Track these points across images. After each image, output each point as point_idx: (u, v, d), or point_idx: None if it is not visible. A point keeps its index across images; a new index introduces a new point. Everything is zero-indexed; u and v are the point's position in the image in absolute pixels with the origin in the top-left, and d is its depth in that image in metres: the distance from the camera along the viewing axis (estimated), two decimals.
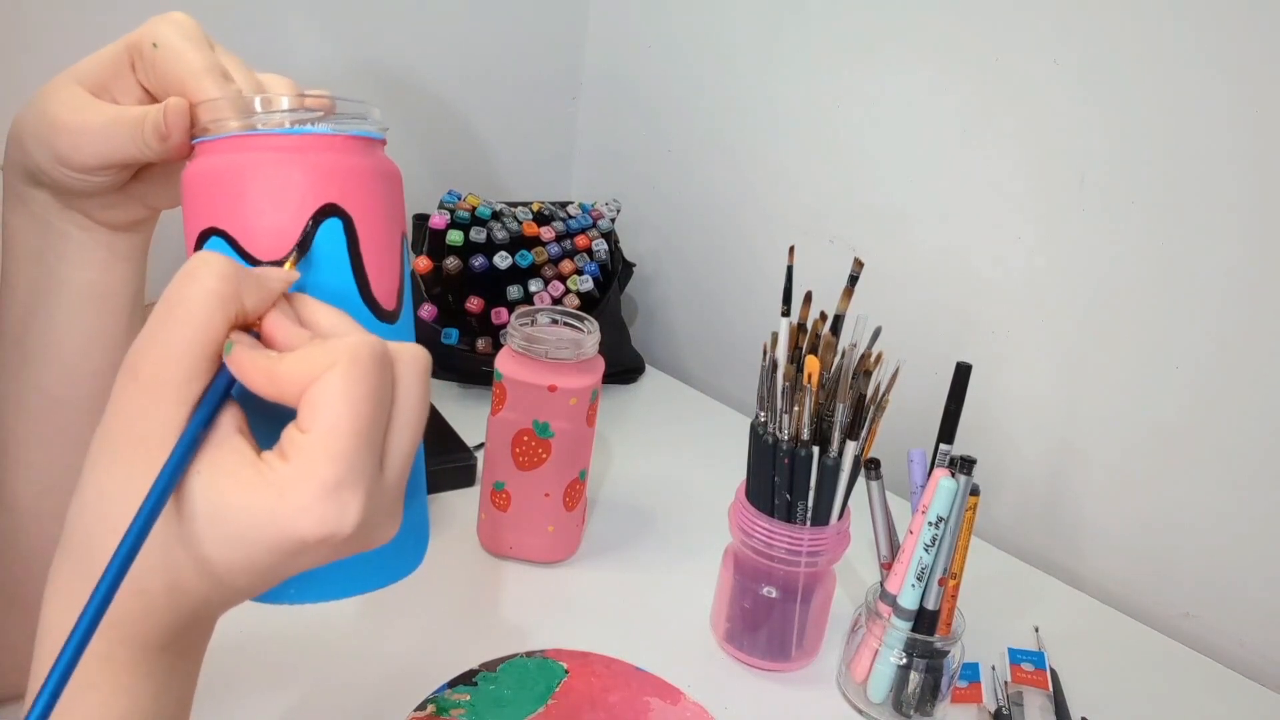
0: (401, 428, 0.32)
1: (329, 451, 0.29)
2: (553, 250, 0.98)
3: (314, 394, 0.30)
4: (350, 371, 0.30)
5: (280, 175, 0.35)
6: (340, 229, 0.35)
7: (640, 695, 0.59)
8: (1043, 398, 0.83)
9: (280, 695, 0.57)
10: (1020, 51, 0.80)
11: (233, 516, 0.30)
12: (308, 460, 0.29)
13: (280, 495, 0.29)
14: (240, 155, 0.35)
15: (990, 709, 0.63)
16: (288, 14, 0.97)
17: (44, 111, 0.39)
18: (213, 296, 0.30)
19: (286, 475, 0.29)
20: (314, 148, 0.35)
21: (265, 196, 0.35)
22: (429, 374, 0.33)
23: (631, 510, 0.82)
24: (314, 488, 0.29)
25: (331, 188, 0.35)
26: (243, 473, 0.30)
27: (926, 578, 0.57)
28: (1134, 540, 0.79)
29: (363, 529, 0.30)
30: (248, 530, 0.30)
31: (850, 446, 0.59)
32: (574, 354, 0.68)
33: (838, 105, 0.94)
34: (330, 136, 0.36)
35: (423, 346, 0.33)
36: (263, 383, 0.30)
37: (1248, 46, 0.68)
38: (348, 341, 0.30)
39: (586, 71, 1.22)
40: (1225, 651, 0.75)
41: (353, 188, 0.36)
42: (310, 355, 0.30)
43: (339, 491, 0.29)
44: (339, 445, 0.29)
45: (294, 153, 0.35)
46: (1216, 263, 0.72)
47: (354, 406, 0.30)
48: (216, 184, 0.35)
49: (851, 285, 0.62)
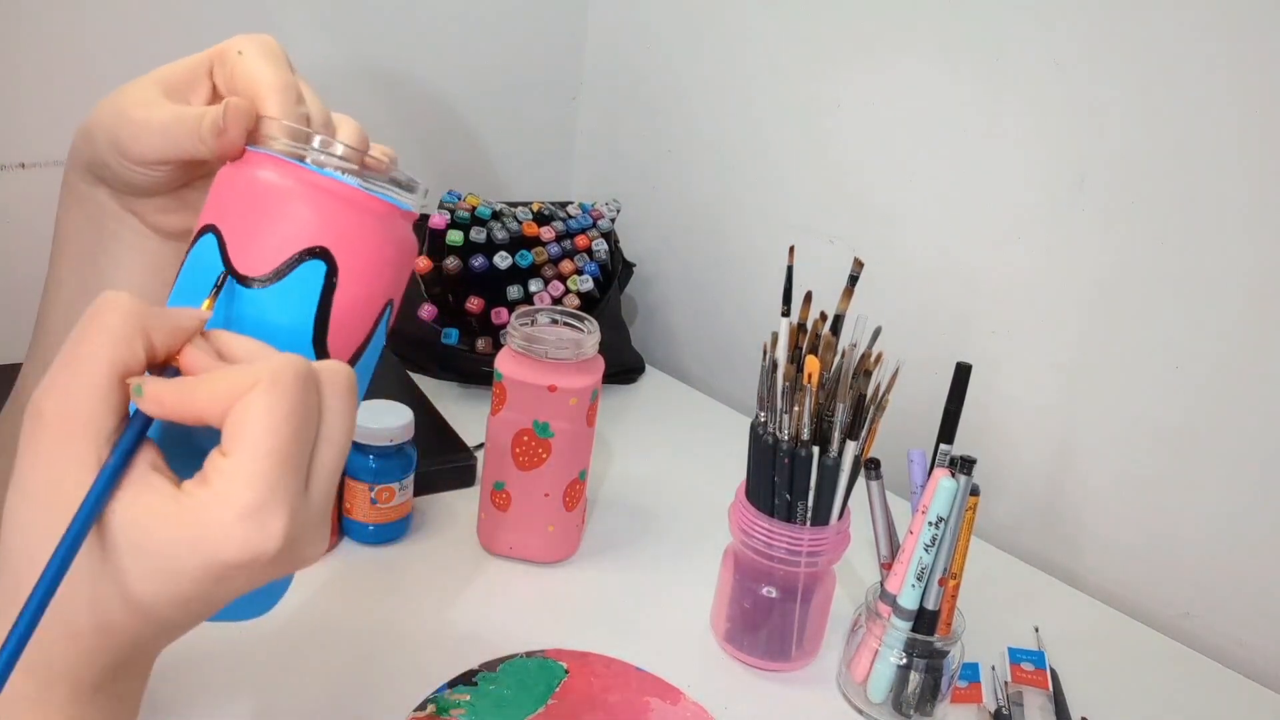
0: (327, 445, 0.32)
1: (250, 473, 0.29)
2: (553, 250, 0.98)
3: (235, 415, 0.29)
4: (271, 390, 0.29)
5: (290, 204, 0.36)
6: (321, 273, 0.36)
7: (640, 695, 0.59)
8: (1043, 398, 0.83)
9: (280, 695, 0.57)
10: (1021, 52, 0.80)
11: (154, 549, 0.29)
12: (228, 483, 0.29)
13: (201, 521, 0.29)
14: (269, 174, 0.36)
15: (990, 709, 0.63)
16: (288, 13, 0.97)
17: (116, 103, 0.40)
18: (114, 335, 0.30)
19: (206, 500, 0.29)
20: (333, 194, 0.36)
21: (268, 217, 0.36)
22: (355, 391, 0.33)
23: (631, 510, 0.82)
24: (235, 511, 0.29)
25: (329, 234, 0.36)
26: (162, 506, 0.30)
27: (926, 578, 0.57)
28: (1134, 540, 0.79)
29: (288, 549, 0.30)
30: (171, 560, 0.29)
31: (850, 446, 0.59)
32: (574, 354, 0.68)
33: (838, 105, 0.94)
34: (354, 190, 0.36)
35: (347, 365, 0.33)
36: (181, 408, 0.30)
37: (1249, 46, 0.68)
38: (269, 362, 0.30)
39: (586, 71, 1.22)
40: (1225, 651, 0.75)
41: (353, 244, 0.36)
42: (230, 375, 0.30)
43: (260, 513, 0.29)
44: (260, 466, 0.29)
45: (312, 190, 0.36)
46: (1217, 263, 0.72)
47: (276, 427, 0.29)
48: (236, 189, 0.37)
49: (851, 285, 0.62)
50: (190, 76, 0.41)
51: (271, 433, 0.29)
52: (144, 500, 0.30)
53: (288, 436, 0.30)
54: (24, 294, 0.90)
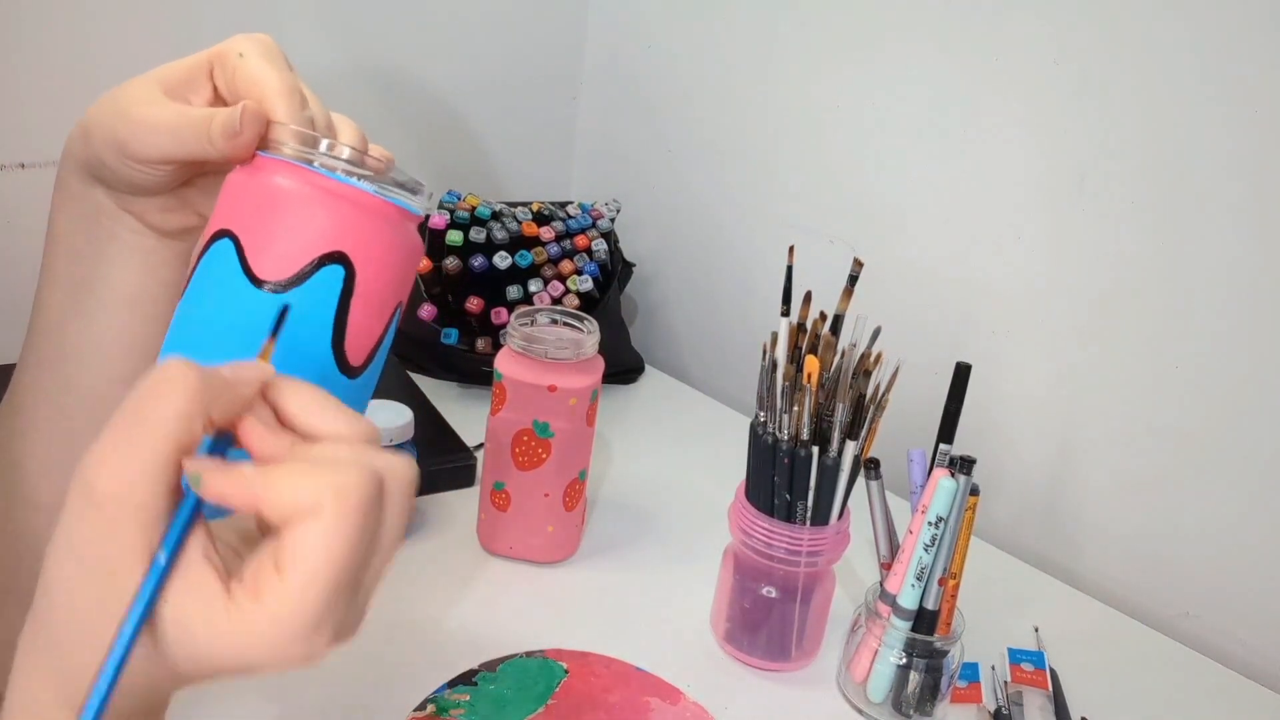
0: (382, 554, 0.32)
1: (304, 600, 0.29)
2: (552, 250, 0.98)
3: (295, 537, 0.29)
4: (336, 522, 0.29)
5: (309, 210, 0.36)
6: (340, 277, 0.37)
7: (640, 695, 0.59)
8: (1043, 398, 0.83)
9: (279, 695, 0.57)
10: (1020, 51, 0.80)
11: (200, 650, 0.29)
12: (280, 605, 0.29)
13: (249, 636, 0.29)
14: (285, 179, 0.37)
15: (990, 709, 0.63)
16: (288, 14, 0.97)
17: (116, 102, 0.40)
18: (177, 413, 0.29)
19: (257, 618, 0.29)
20: (351, 199, 0.37)
21: (287, 223, 0.36)
22: (413, 490, 0.32)
23: (631, 510, 0.82)
24: (285, 633, 0.29)
25: (348, 239, 0.37)
26: (211, 614, 0.29)
27: (926, 578, 0.57)
28: (1134, 540, 0.79)
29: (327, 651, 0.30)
30: (214, 660, 0.29)
31: (850, 446, 0.59)
32: (574, 354, 0.68)
33: (838, 104, 0.94)
34: (370, 195, 0.37)
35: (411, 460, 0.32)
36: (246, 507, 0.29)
37: (1248, 47, 0.68)
38: (337, 480, 0.29)
39: (586, 71, 1.22)
40: (1225, 651, 0.75)
41: (369, 248, 0.37)
42: (296, 487, 0.29)
43: (310, 636, 0.29)
44: (316, 593, 0.29)
45: (330, 196, 0.37)
46: (1217, 263, 0.72)
47: (336, 557, 0.29)
48: (251, 194, 0.37)
49: (851, 285, 0.62)
50: (190, 77, 0.41)
51: (331, 563, 0.29)
52: (194, 604, 0.29)
53: (347, 565, 0.29)
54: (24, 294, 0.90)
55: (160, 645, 0.30)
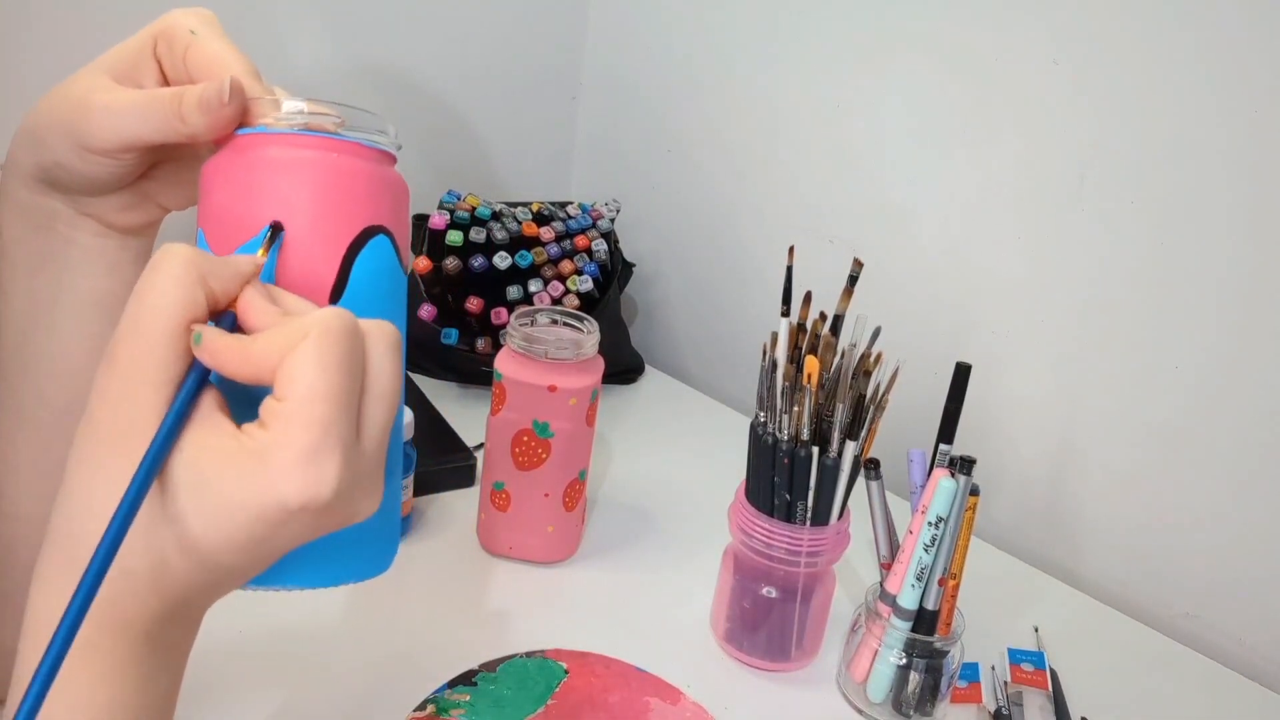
0: (375, 399, 0.33)
1: (305, 417, 0.30)
2: (552, 250, 0.98)
3: (289, 365, 0.30)
4: (322, 341, 0.30)
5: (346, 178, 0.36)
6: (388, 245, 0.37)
7: (640, 695, 0.59)
8: (1042, 398, 0.83)
9: (279, 695, 0.57)
10: (1020, 51, 0.80)
11: (215, 488, 0.30)
12: (285, 426, 0.30)
13: (260, 462, 0.30)
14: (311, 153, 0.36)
15: (990, 709, 0.63)
16: (287, 13, 0.97)
17: (66, 98, 0.39)
18: (179, 283, 0.31)
19: (266, 442, 0.30)
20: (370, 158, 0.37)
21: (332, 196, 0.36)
22: (399, 349, 0.34)
23: (631, 510, 0.82)
24: (293, 453, 0.30)
25: (383, 206, 0.37)
26: (223, 445, 0.31)
27: (926, 578, 0.57)
28: (1134, 540, 0.79)
29: (342, 498, 0.31)
30: (230, 501, 0.30)
31: (850, 446, 0.59)
32: (574, 354, 0.68)
33: (838, 105, 0.94)
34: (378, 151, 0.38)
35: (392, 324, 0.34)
36: (237, 364, 0.31)
37: (1247, 46, 0.68)
38: (318, 314, 0.31)
39: (586, 71, 1.22)
40: (1225, 651, 0.75)
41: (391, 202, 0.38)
42: (283, 331, 0.31)
43: (317, 456, 0.30)
44: (315, 411, 0.30)
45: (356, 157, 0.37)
46: (1216, 262, 0.72)
47: (328, 373, 0.30)
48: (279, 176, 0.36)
49: (851, 285, 0.62)
50: (136, 60, 0.40)
51: (325, 379, 0.30)
52: (206, 439, 0.31)
53: (339, 384, 0.31)
54: None
55: (173, 500, 0.31)
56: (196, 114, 0.37)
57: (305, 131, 0.36)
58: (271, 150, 0.36)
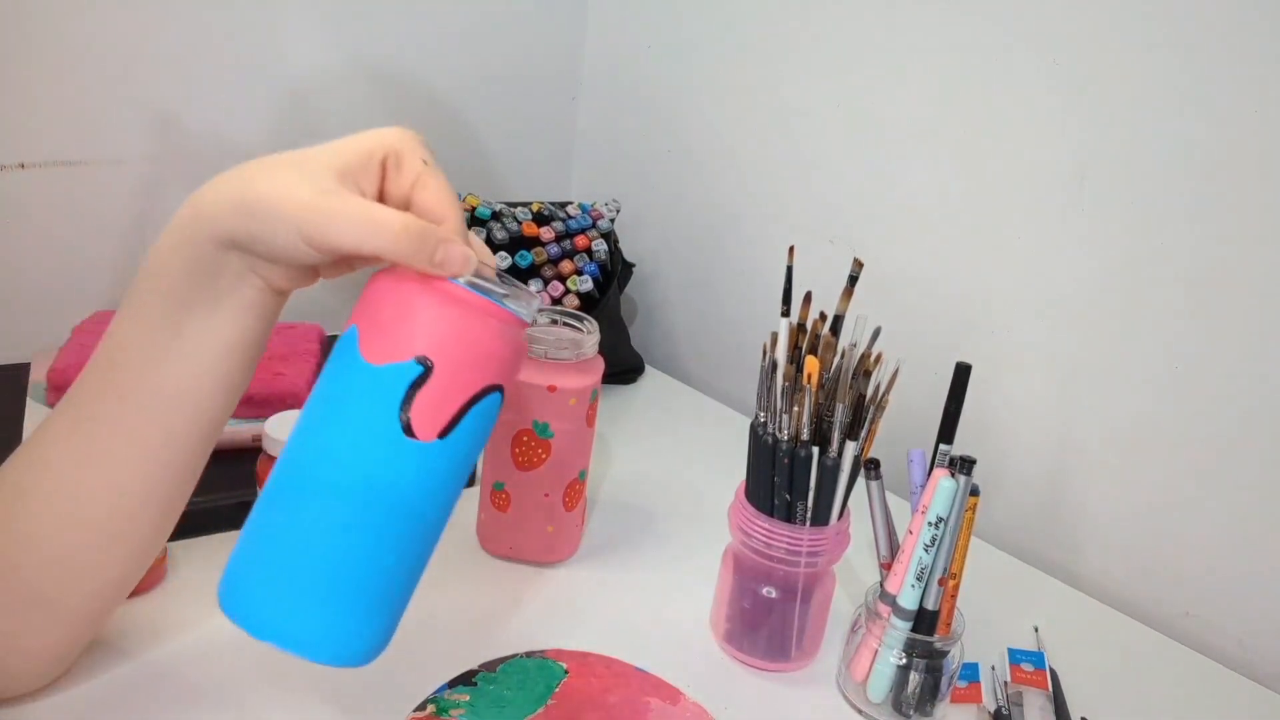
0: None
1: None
2: (552, 250, 0.98)
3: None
4: None
5: (499, 343, 0.43)
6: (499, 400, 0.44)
7: (640, 695, 0.59)
8: (1043, 398, 0.83)
9: (279, 695, 0.57)
10: (1020, 51, 0.80)
11: None
12: None
13: None
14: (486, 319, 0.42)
15: (990, 709, 0.63)
16: (287, 13, 0.96)
17: (286, 185, 0.42)
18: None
19: None
20: (521, 328, 0.44)
21: (482, 353, 0.42)
22: None
23: (631, 510, 0.82)
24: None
25: (513, 368, 0.44)
26: None
27: (926, 578, 0.57)
28: (1134, 540, 0.79)
29: None
30: None
31: (850, 446, 0.59)
32: (574, 354, 0.68)
33: (838, 105, 0.94)
34: (523, 321, 0.44)
35: None
36: None
37: (1247, 47, 0.68)
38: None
39: (586, 71, 1.22)
40: (1225, 651, 0.75)
41: (517, 365, 0.45)
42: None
43: None
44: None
45: (510, 326, 0.43)
46: (1217, 262, 0.72)
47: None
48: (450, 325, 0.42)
49: (851, 285, 0.62)
50: (364, 166, 0.44)
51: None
52: None
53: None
54: (24, 294, 0.90)
55: None
56: (454, 265, 0.42)
57: (476, 290, 0.42)
58: (454, 304, 0.41)
